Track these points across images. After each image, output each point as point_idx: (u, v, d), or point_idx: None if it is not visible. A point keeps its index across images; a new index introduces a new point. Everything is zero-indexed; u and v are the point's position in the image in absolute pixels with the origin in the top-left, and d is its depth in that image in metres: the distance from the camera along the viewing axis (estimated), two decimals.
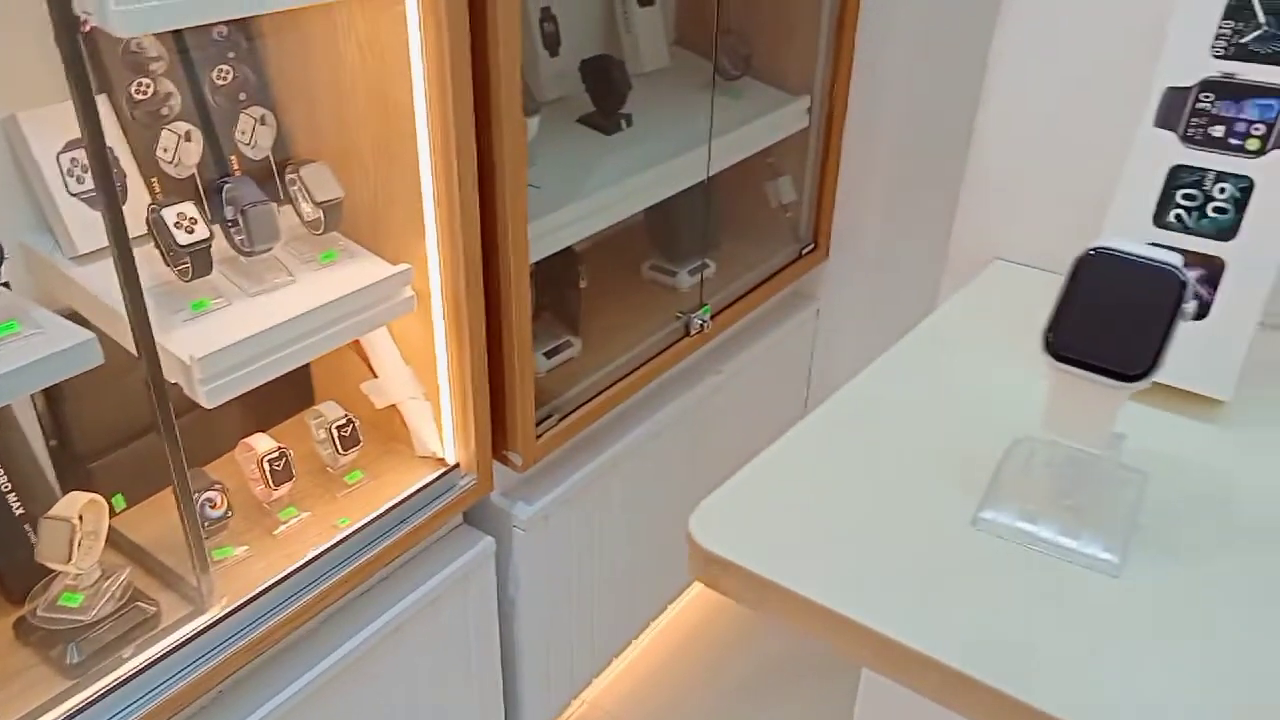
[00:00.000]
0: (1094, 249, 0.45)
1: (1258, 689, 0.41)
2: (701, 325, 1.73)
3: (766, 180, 1.99)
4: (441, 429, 1.38)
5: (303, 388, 1.47)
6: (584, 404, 1.56)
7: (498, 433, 1.42)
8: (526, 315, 1.35)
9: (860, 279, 2.01)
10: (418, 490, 1.34)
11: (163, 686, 1.10)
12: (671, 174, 1.62)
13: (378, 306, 1.23)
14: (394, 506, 1.31)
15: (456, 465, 1.39)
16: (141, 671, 1.08)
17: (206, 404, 1.07)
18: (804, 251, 1.98)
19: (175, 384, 1.07)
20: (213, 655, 1.13)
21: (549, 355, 1.60)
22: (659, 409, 1.72)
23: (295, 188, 1.22)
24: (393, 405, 1.40)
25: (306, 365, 1.47)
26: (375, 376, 1.39)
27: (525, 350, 1.37)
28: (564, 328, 1.64)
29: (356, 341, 1.37)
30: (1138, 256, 0.44)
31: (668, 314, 1.76)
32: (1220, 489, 0.52)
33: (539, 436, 1.47)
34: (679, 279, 1.83)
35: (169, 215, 1.09)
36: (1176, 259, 0.44)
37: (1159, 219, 0.58)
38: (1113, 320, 0.44)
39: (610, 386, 1.60)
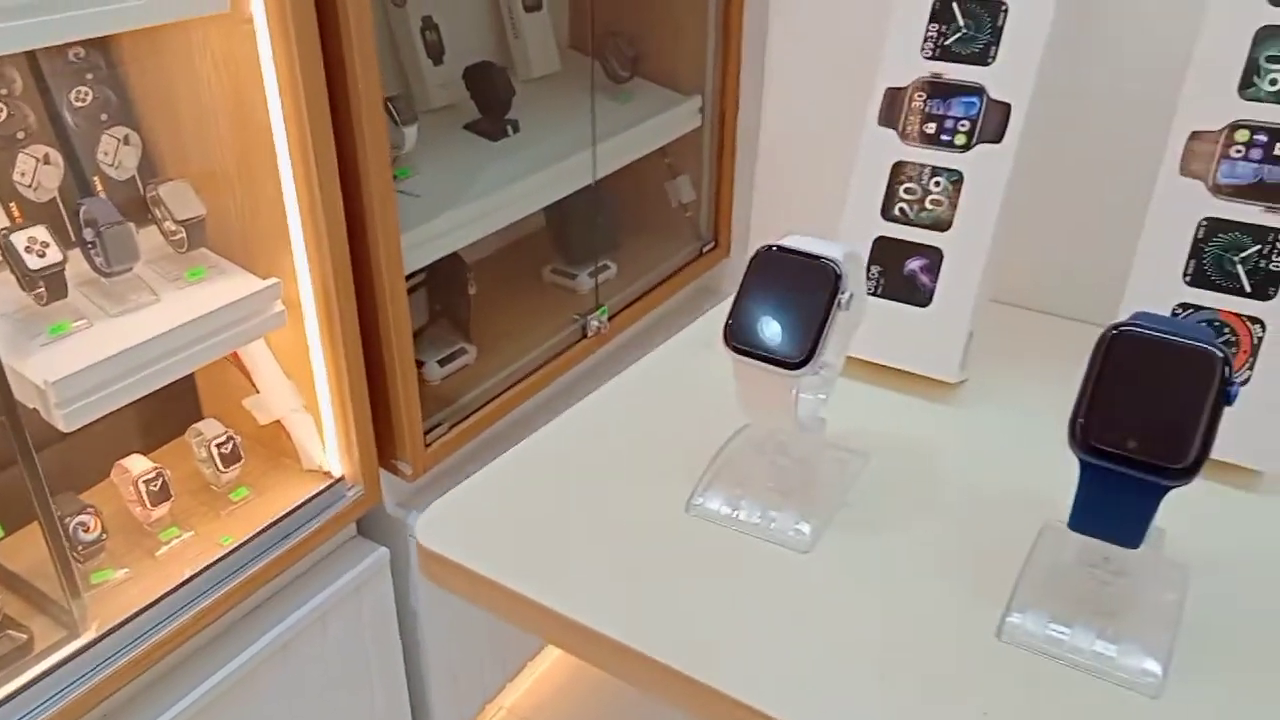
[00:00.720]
0: (763, 248, 0.47)
1: (927, 661, 0.43)
2: (599, 327, 1.75)
3: (666, 180, 2.01)
4: (325, 441, 1.39)
5: (189, 406, 1.47)
6: (477, 410, 1.57)
7: (385, 442, 1.43)
8: (405, 324, 1.37)
9: None
10: (302, 504, 1.35)
11: (37, 710, 1.10)
12: (557, 178, 1.63)
13: (247, 322, 1.23)
14: (277, 522, 1.32)
15: (342, 477, 1.40)
16: (13, 697, 1.08)
17: (64, 427, 1.07)
18: (705, 249, 2.00)
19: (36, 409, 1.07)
20: (87, 679, 1.13)
21: (442, 363, 1.61)
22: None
23: (156, 207, 1.22)
24: (278, 420, 1.40)
25: (192, 383, 1.47)
26: (258, 392, 1.39)
27: (406, 358, 1.38)
28: (457, 335, 1.65)
29: (237, 357, 1.38)
30: (800, 253, 0.47)
31: (567, 317, 1.77)
32: (933, 467, 0.55)
33: (429, 445, 1.48)
34: (579, 281, 1.85)
35: (19, 240, 1.09)
36: (836, 252, 0.47)
37: (886, 213, 0.61)
38: (779, 313, 0.46)
39: (505, 391, 1.62)
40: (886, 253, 0.61)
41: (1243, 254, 0.53)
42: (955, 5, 0.58)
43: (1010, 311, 0.58)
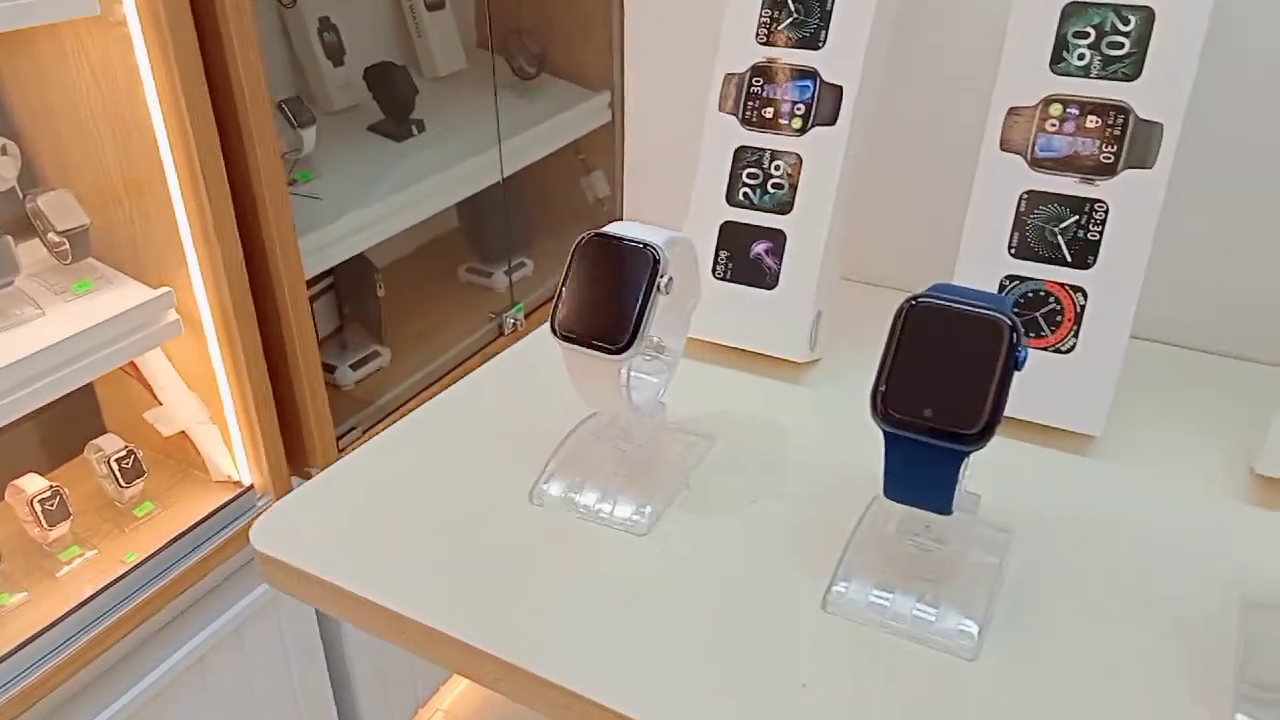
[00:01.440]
0: (584, 236, 0.48)
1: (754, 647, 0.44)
2: (515, 324, 1.75)
3: (581, 176, 2.01)
4: (233, 452, 1.37)
5: (91, 421, 1.44)
6: (394, 412, 1.56)
7: (296, 450, 1.41)
8: (309, 328, 1.35)
9: None
10: (210, 516, 1.32)
11: None
12: (462, 177, 1.62)
13: (139, 333, 1.21)
14: (184, 534, 1.29)
15: (252, 487, 1.38)
16: None
17: None
18: None
19: None
20: None
21: (355, 367, 1.60)
22: None
23: (37, 219, 1.19)
24: (184, 432, 1.38)
25: (93, 398, 1.43)
26: (160, 404, 1.36)
27: (312, 363, 1.36)
28: (370, 338, 1.64)
29: (137, 369, 1.35)
30: (621, 239, 0.47)
31: (483, 315, 1.76)
32: (779, 446, 0.56)
33: (343, 450, 1.46)
34: (495, 279, 1.84)
35: None
36: (658, 237, 0.47)
37: (730, 198, 0.62)
38: (603, 299, 0.47)
39: (422, 392, 1.60)
40: (733, 237, 0.62)
41: (1062, 225, 0.54)
42: None
43: (866, 290, 0.58)
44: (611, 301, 0.46)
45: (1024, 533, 0.49)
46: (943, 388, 0.40)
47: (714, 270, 0.62)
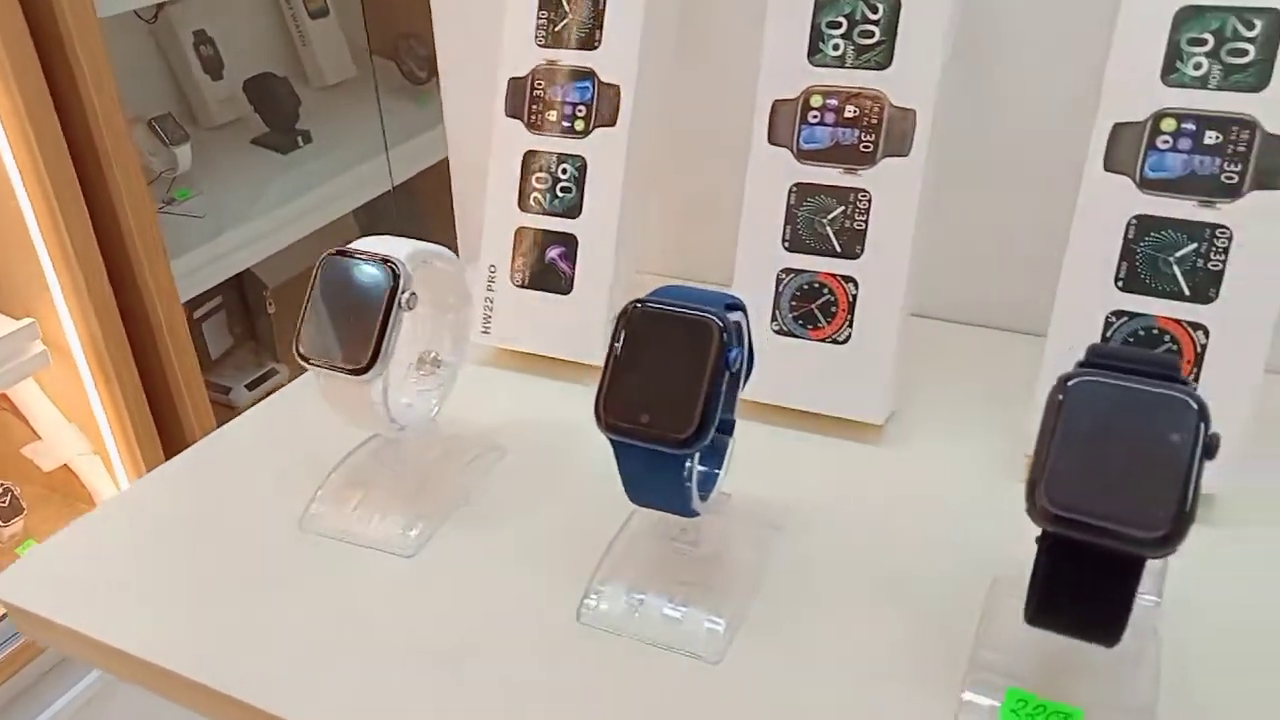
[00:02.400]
0: (327, 254, 0.47)
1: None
2: None
3: None
4: (118, 482, 1.34)
5: None
6: None
7: None
8: (189, 350, 1.32)
9: None
10: None
11: None
12: (350, 186, 1.60)
13: (3, 366, 1.17)
14: None
15: None
16: None
17: None
18: None
19: None
20: None
21: (251, 387, 1.57)
22: None
23: None
24: (66, 465, 1.34)
25: None
26: (39, 438, 1.33)
27: (195, 386, 1.34)
28: (266, 356, 1.61)
29: (11, 404, 1.31)
30: (362, 255, 0.46)
31: None
32: (568, 455, 0.55)
33: None
34: None
35: None
36: (401, 251, 0.46)
37: (522, 204, 0.61)
38: (344, 320, 0.46)
39: None
40: (528, 243, 0.61)
41: (830, 215, 0.54)
42: None
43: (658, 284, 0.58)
44: (353, 322, 0.45)
45: (800, 526, 0.49)
46: (659, 392, 0.39)
47: (511, 277, 0.61)
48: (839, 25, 0.52)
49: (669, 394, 0.39)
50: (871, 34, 0.52)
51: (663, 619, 0.43)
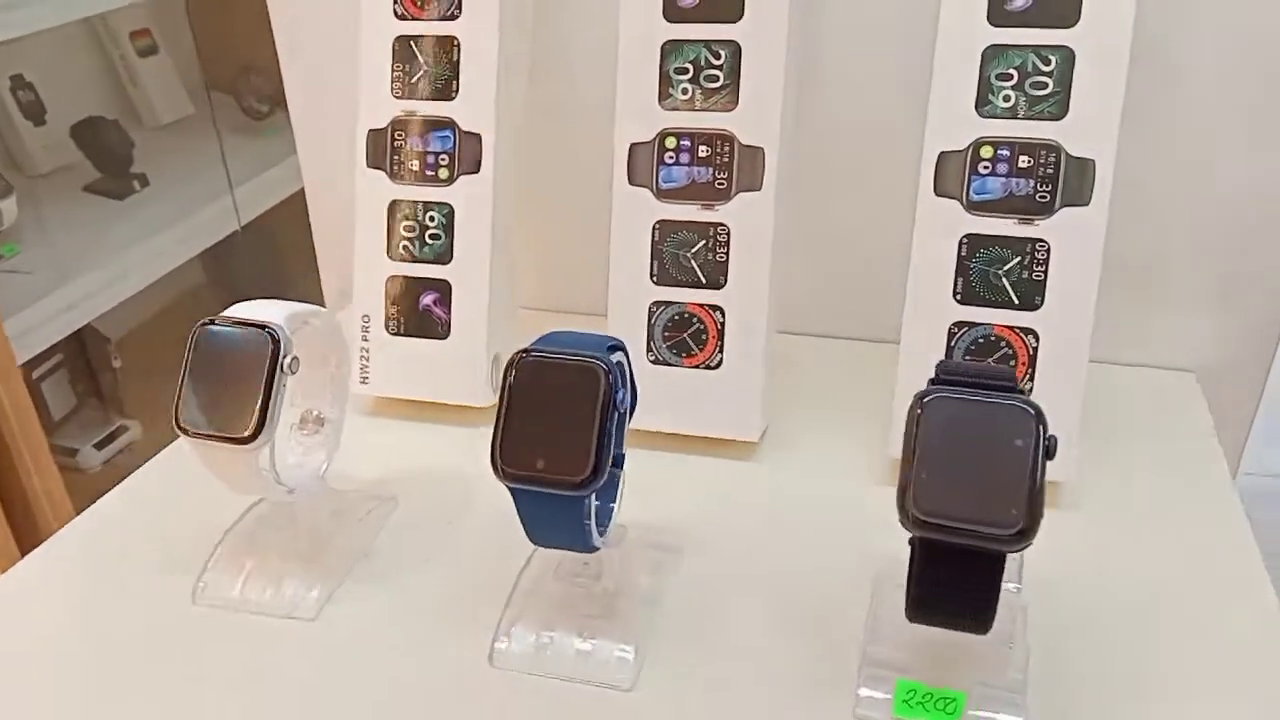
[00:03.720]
0: (200, 324, 0.46)
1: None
2: None
3: None
4: None
5: None
6: None
7: (33, 545, 1.29)
8: (30, 413, 1.24)
9: None
10: None
11: None
12: (194, 230, 1.54)
13: None
14: None
15: None
16: None
17: None
18: None
19: None
20: None
21: (100, 446, 1.48)
22: None
23: None
24: None
25: None
26: None
27: (39, 450, 1.26)
28: (114, 413, 1.52)
29: None
30: (235, 321, 0.46)
31: None
32: (463, 498, 0.56)
33: None
34: None
35: None
36: (279, 316, 0.46)
37: (390, 253, 0.61)
38: (223, 391, 0.45)
39: None
40: (400, 291, 0.61)
41: (693, 249, 0.57)
42: (412, 44, 0.59)
43: (550, 319, 0.59)
44: (234, 390, 0.45)
45: (692, 546, 0.52)
46: (552, 437, 0.41)
47: (386, 326, 0.61)
48: (686, 71, 0.56)
49: (562, 438, 0.41)
50: (716, 78, 0.55)
51: (574, 653, 0.45)
